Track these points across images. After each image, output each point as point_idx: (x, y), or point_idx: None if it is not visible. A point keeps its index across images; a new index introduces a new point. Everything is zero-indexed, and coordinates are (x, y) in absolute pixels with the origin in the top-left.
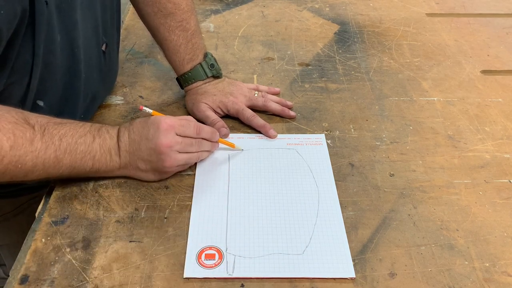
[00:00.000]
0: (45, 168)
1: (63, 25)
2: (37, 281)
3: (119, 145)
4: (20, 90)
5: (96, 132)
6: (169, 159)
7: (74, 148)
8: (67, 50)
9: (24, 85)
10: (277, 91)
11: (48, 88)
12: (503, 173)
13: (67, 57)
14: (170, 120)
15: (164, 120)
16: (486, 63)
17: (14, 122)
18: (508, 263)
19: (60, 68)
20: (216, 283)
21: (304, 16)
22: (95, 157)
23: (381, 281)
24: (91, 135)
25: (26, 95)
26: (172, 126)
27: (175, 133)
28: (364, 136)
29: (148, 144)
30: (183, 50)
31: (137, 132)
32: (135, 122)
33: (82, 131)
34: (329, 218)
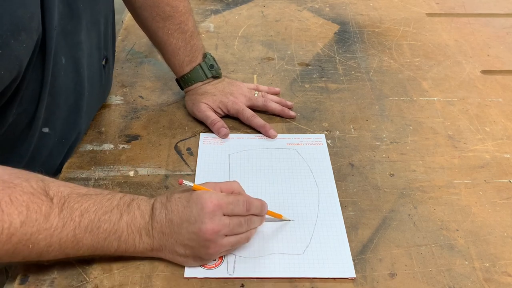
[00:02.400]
0: (62, 248)
1: (67, 47)
2: (37, 281)
3: (153, 225)
4: (26, 119)
5: (125, 207)
6: (214, 246)
7: (96, 226)
8: (72, 72)
9: (31, 114)
10: (277, 91)
11: (53, 113)
12: (503, 173)
13: (71, 78)
14: (216, 198)
15: (210, 199)
16: (486, 63)
17: (31, 193)
18: (508, 263)
19: (64, 92)
20: (216, 283)
21: (304, 16)
22: (121, 238)
23: (381, 281)
24: (118, 211)
25: (32, 123)
26: (219, 206)
27: (222, 214)
28: (364, 136)
29: (191, 228)
30: (182, 52)
31: (177, 212)
32: (174, 198)
33: (109, 205)
34: (329, 218)
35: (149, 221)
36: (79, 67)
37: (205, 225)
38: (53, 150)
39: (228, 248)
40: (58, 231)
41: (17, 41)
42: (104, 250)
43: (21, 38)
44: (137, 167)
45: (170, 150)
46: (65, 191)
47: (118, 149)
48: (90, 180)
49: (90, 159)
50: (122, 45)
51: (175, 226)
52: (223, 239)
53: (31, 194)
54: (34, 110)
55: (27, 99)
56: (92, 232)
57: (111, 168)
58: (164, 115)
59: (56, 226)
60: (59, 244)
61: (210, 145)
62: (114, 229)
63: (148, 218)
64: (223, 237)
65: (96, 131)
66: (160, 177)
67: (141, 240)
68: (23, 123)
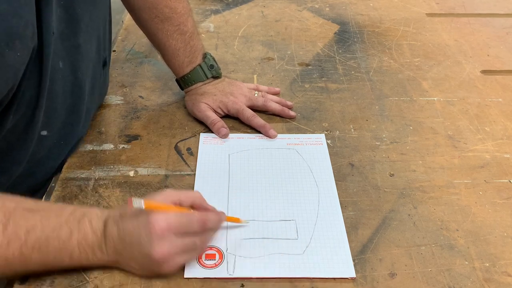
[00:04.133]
0: (10, 265)
1: (65, 51)
2: (37, 281)
3: (106, 242)
4: (24, 124)
5: (75, 224)
6: (167, 266)
7: (44, 244)
8: (69, 76)
9: (28, 118)
10: (277, 91)
11: (51, 116)
12: (503, 173)
13: (69, 82)
14: (165, 221)
15: (157, 223)
16: (486, 63)
17: None
18: (508, 263)
19: (62, 95)
20: (217, 283)
21: (304, 16)
22: (73, 255)
23: (381, 281)
24: (67, 229)
25: (30, 127)
26: (169, 228)
27: (173, 235)
28: (364, 136)
29: (141, 250)
30: (182, 53)
31: (128, 231)
32: (126, 217)
33: (57, 222)
34: (329, 218)
35: (102, 238)
36: (77, 71)
37: (153, 249)
38: (52, 152)
39: (182, 263)
40: (2, 249)
41: (11, 51)
42: (55, 266)
43: (16, 47)
44: (137, 167)
45: (170, 150)
46: (10, 206)
47: (118, 149)
48: (90, 180)
49: (90, 159)
50: (122, 45)
51: (127, 245)
52: (176, 259)
53: None
54: (32, 114)
55: (24, 105)
56: (41, 250)
57: (111, 168)
58: (164, 115)
59: (1, 244)
60: (5, 262)
61: (210, 145)
62: (64, 247)
63: (100, 235)
64: (176, 257)
65: (96, 131)
66: (160, 177)
67: (94, 255)
68: (21, 128)
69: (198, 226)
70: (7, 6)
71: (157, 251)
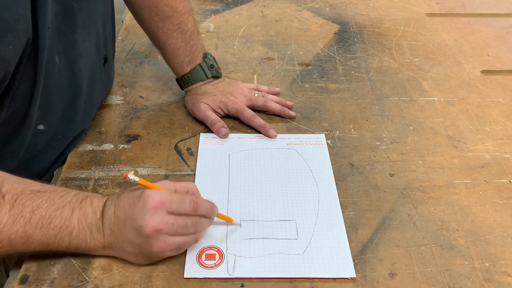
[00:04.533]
0: (12, 244)
1: (61, 47)
2: (37, 281)
3: (103, 222)
4: (19, 117)
5: (77, 204)
6: (157, 244)
7: (47, 222)
8: (66, 71)
9: (23, 112)
10: (277, 91)
11: (47, 111)
12: (503, 173)
13: (66, 78)
14: (159, 195)
15: (152, 196)
16: (486, 63)
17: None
18: (508, 263)
19: (58, 90)
20: (217, 283)
21: (304, 16)
22: (72, 234)
23: (381, 281)
24: (70, 208)
25: (25, 121)
26: (162, 203)
27: (165, 212)
28: (364, 136)
29: (133, 224)
30: (182, 52)
31: (123, 208)
32: (123, 195)
33: (61, 202)
34: (329, 218)
35: (100, 218)
36: (74, 66)
37: (145, 222)
38: (49, 146)
39: (173, 248)
40: (7, 227)
41: (2, 44)
42: (55, 246)
43: (7, 40)
44: (137, 167)
45: (170, 150)
46: (19, 187)
47: (118, 149)
48: (90, 180)
49: (90, 159)
50: (122, 45)
51: (121, 223)
52: (167, 238)
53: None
54: (27, 108)
55: (19, 98)
56: (43, 228)
57: (111, 168)
58: (164, 115)
59: (6, 223)
60: (8, 240)
61: (210, 145)
62: (65, 225)
63: (99, 215)
64: (167, 236)
65: (96, 131)
66: (160, 177)
67: (92, 236)
68: (16, 121)
69: (190, 206)
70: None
71: (148, 223)
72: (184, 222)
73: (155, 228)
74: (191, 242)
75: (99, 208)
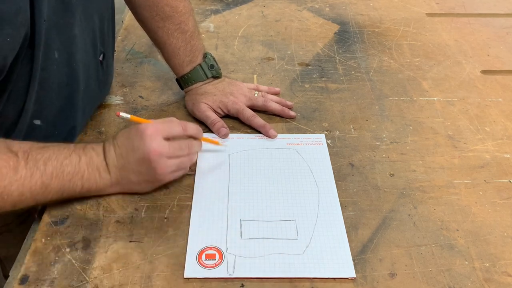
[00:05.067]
0: (33, 195)
1: (60, 42)
2: (37, 281)
3: (107, 162)
4: (14, 112)
5: (81, 151)
6: (160, 166)
7: (60, 170)
8: (64, 66)
9: (19, 107)
10: (277, 91)
11: (44, 106)
12: (503, 173)
13: (64, 73)
14: (153, 125)
15: (146, 127)
16: (486, 63)
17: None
18: (508, 263)
19: (56, 85)
20: (216, 283)
21: (304, 16)
22: (84, 177)
23: (381, 281)
24: (76, 155)
25: (21, 116)
26: (157, 130)
27: (161, 138)
28: (364, 136)
29: (136, 155)
30: (182, 52)
31: (122, 145)
32: (119, 135)
33: (67, 152)
34: (329, 218)
35: (103, 158)
36: (73, 62)
37: (147, 147)
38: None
39: (173, 168)
40: (27, 180)
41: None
42: (70, 192)
43: (5, 31)
44: None
45: None
46: (25, 146)
47: None
48: None
49: None
50: (122, 45)
51: (124, 157)
52: (167, 161)
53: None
54: (23, 103)
55: (15, 93)
56: (58, 176)
57: None
58: (164, 115)
59: (25, 176)
60: (30, 192)
61: (210, 145)
62: (77, 170)
63: (102, 156)
64: (166, 159)
65: (96, 131)
66: None
67: (101, 176)
68: (11, 116)
69: (179, 127)
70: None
71: (150, 149)
72: (178, 144)
73: (155, 152)
74: (187, 162)
75: (100, 151)
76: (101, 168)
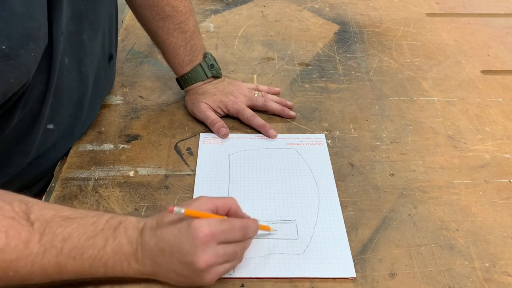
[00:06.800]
0: (45, 274)
1: (70, 48)
2: None
3: (143, 253)
4: (31, 118)
5: (110, 232)
6: (209, 275)
7: (80, 252)
8: (74, 71)
9: (35, 113)
10: (277, 91)
11: (57, 110)
12: (503, 173)
13: (74, 77)
14: (208, 228)
15: (201, 229)
16: (486, 63)
17: (11, 218)
18: (508, 263)
19: (67, 90)
20: (216, 283)
21: (304, 16)
22: (107, 264)
23: (381, 281)
24: (103, 237)
25: (37, 121)
26: (212, 236)
27: (216, 244)
28: (364, 136)
29: (183, 259)
30: (182, 52)
31: (168, 241)
32: (164, 225)
33: (93, 230)
34: (330, 218)
35: (138, 248)
36: (82, 66)
37: (197, 257)
38: (57, 144)
39: (223, 274)
40: (39, 257)
41: (26, 51)
42: (91, 275)
43: (30, 47)
44: (137, 167)
45: (170, 150)
46: (47, 214)
47: (118, 149)
48: (90, 180)
49: (90, 159)
50: (122, 45)
51: (167, 256)
52: (218, 268)
53: (11, 219)
54: (39, 109)
55: (32, 100)
56: (76, 259)
57: (111, 168)
58: (164, 115)
59: (37, 253)
60: (41, 270)
61: (210, 145)
62: (100, 255)
63: (136, 245)
64: (218, 266)
65: (96, 131)
66: (160, 177)
67: (130, 266)
68: (28, 122)
69: (239, 234)
70: (23, 9)
71: (200, 259)
72: (233, 250)
73: (207, 264)
74: (237, 264)
75: (135, 238)
76: (132, 259)
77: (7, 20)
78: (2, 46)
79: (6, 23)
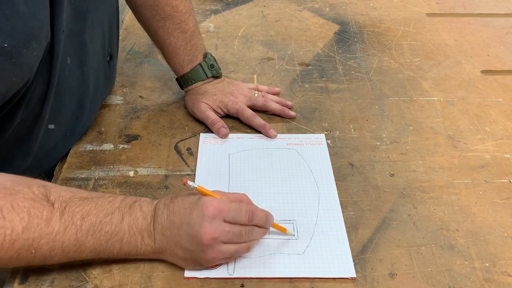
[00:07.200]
0: (65, 252)
1: (73, 48)
2: (37, 281)
3: (155, 227)
4: (33, 118)
5: (126, 209)
6: (211, 252)
7: (98, 228)
8: (75, 71)
9: (37, 113)
10: (277, 91)
11: (58, 110)
12: (503, 173)
13: (75, 77)
14: (218, 203)
15: (211, 203)
16: (486, 63)
17: (32, 199)
18: (508, 263)
19: (69, 90)
20: (216, 283)
21: (304, 16)
22: (123, 240)
23: (381, 281)
24: (119, 213)
25: (38, 121)
26: (220, 211)
27: (222, 220)
28: (364, 136)
29: (189, 230)
30: (182, 51)
31: (178, 213)
32: (177, 200)
33: (110, 208)
34: (330, 218)
35: (151, 222)
36: (83, 66)
37: (203, 229)
38: (59, 144)
39: (226, 256)
40: (60, 235)
41: (28, 50)
42: (107, 253)
43: (32, 46)
44: (137, 167)
45: (170, 150)
46: (66, 195)
47: (118, 149)
48: (90, 180)
49: (90, 159)
50: (122, 45)
51: (176, 228)
52: (221, 246)
53: (32, 200)
54: (40, 109)
55: (34, 100)
56: (94, 235)
57: (111, 168)
58: (164, 115)
59: (58, 231)
60: (61, 248)
61: (210, 145)
62: (116, 230)
63: (150, 219)
64: (221, 244)
65: (96, 131)
66: (160, 177)
67: (143, 242)
68: (29, 122)
69: (246, 216)
70: (26, 8)
71: (205, 231)
72: (239, 231)
73: (212, 236)
74: (243, 251)
75: (149, 213)
76: (145, 233)
77: (10, 18)
78: (5, 44)
79: (9, 21)
